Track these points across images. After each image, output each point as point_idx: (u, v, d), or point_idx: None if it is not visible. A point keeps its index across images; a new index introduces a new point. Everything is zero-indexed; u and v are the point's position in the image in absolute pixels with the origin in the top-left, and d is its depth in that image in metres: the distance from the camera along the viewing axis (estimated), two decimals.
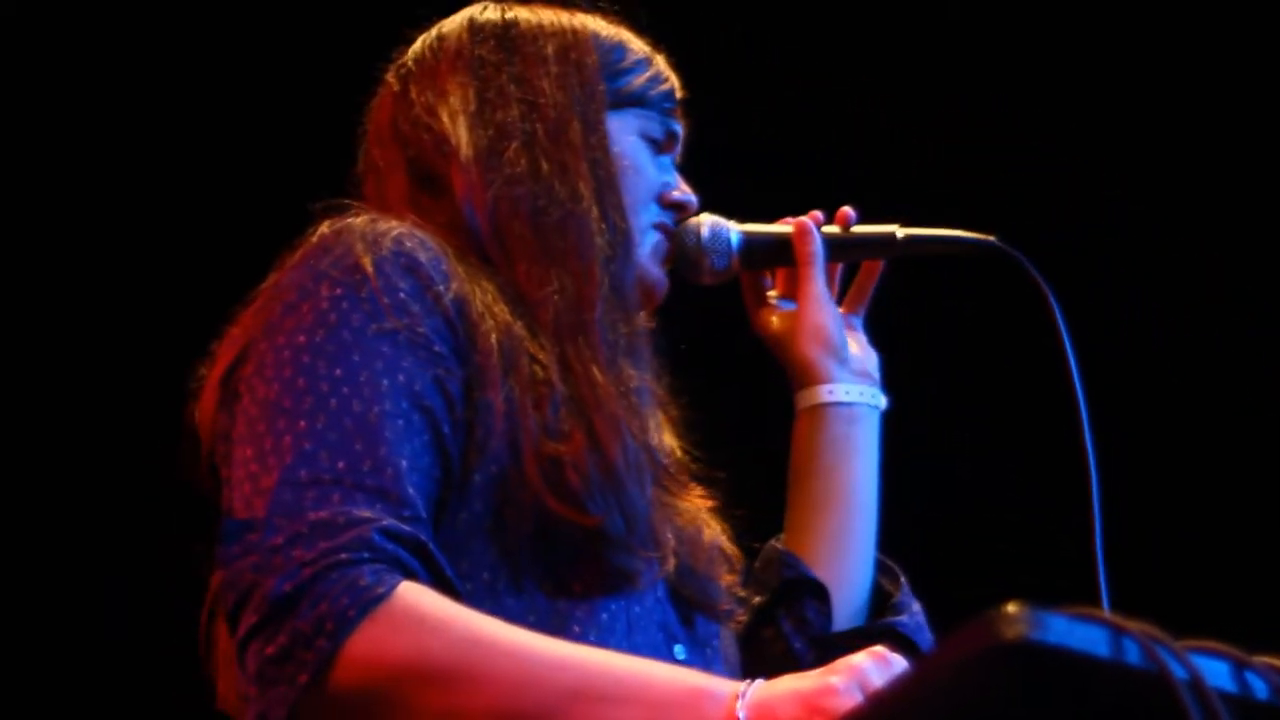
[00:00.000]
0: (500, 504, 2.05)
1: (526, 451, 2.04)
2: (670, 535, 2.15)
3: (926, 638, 2.38)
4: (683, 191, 2.38)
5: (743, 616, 2.29)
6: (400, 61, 2.37)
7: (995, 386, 4.07)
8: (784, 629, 2.37)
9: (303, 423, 1.97)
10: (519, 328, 2.12)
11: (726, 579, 2.25)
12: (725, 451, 2.36)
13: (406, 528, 1.93)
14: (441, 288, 2.09)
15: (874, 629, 2.37)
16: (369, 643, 1.86)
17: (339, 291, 2.05)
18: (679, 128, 2.39)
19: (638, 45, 2.38)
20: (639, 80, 2.35)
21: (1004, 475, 4.11)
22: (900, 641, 2.35)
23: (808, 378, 2.43)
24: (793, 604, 2.37)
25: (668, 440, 2.27)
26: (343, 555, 1.88)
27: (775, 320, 2.47)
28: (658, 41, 2.42)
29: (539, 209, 2.20)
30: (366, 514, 1.92)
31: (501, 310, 2.12)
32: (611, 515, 2.04)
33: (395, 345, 2.03)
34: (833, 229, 2.44)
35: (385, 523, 1.92)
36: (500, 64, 2.29)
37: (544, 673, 1.86)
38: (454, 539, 2.03)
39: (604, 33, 2.36)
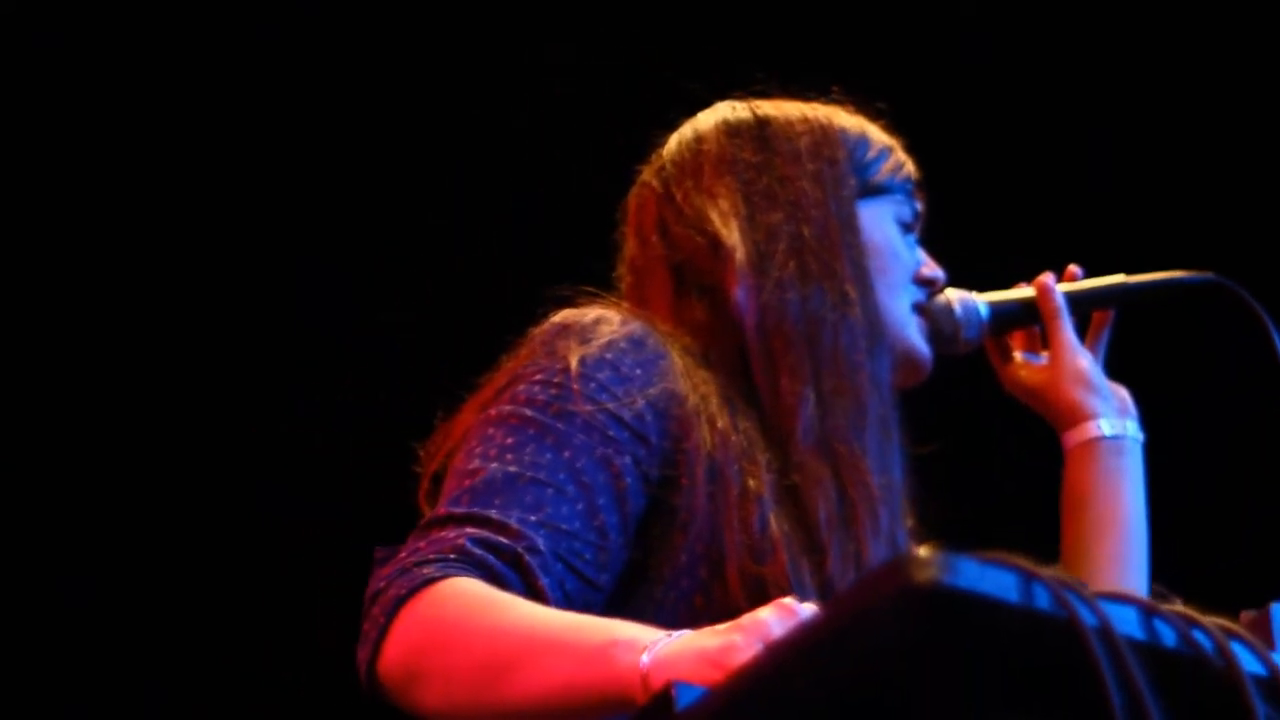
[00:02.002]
0: (703, 600, 2.15)
1: (730, 568, 2.13)
2: None
3: None
4: (932, 269, 2.49)
5: None
6: (658, 163, 2.44)
7: (1218, 422, 4.13)
8: None
9: (466, 480, 2.12)
10: (737, 440, 2.20)
11: None
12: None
13: (506, 542, 2.06)
14: (639, 385, 2.19)
15: None
16: (403, 620, 2.00)
17: (538, 378, 2.19)
18: (921, 207, 2.49)
19: (878, 133, 2.47)
20: (885, 168, 2.44)
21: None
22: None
23: (1076, 416, 2.56)
24: None
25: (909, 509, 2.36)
26: (430, 555, 2.04)
27: (1029, 374, 2.61)
28: (893, 126, 2.51)
29: (810, 315, 2.29)
30: (475, 532, 2.06)
31: (723, 421, 2.21)
32: None
33: (570, 425, 2.15)
34: (1065, 286, 2.60)
35: (483, 535, 2.06)
36: (761, 165, 2.37)
37: (501, 638, 1.97)
38: (665, 612, 2.15)
39: (848, 124, 2.45)
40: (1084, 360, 2.58)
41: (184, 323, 4.35)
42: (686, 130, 2.45)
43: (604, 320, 2.24)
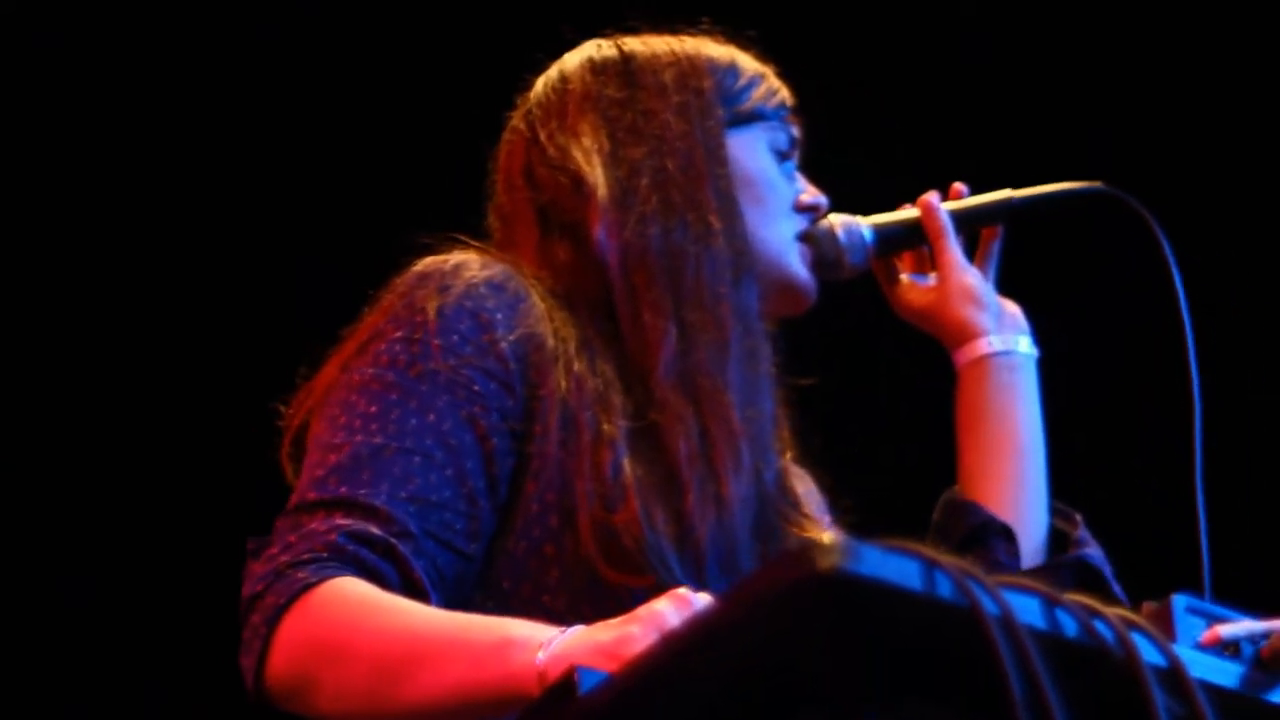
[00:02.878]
0: (554, 549, 2.13)
1: (581, 517, 2.11)
2: (764, 558, 2.21)
3: (1110, 570, 2.43)
4: (813, 195, 2.46)
5: None
6: (524, 106, 2.42)
7: (1113, 333, 4.11)
8: None
9: (330, 455, 2.10)
10: (593, 384, 2.18)
11: None
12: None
13: (378, 532, 2.04)
14: (503, 330, 2.16)
15: (1064, 562, 2.42)
16: (287, 629, 1.99)
17: (398, 334, 2.16)
18: (798, 133, 2.46)
19: (748, 61, 2.44)
20: (756, 95, 2.41)
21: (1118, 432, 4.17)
22: (1089, 573, 2.40)
23: (966, 334, 2.52)
24: (980, 548, 2.42)
25: (784, 442, 2.35)
26: (304, 556, 2.02)
27: (917, 295, 2.56)
28: (766, 54, 2.47)
29: (672, 247, 2.27)
30: (345, 523, 2.04)
31: (580, 364, 2.19)
32: (667, 576, 2.08)
33: (434, 385, 2.13)
34: (950, 204, 2.56)
35: (356, 528, 2.04)
36: (626, 101, 2.35)
37: (391, 642, 1.96)
38: (515, 564, 2.13)
39: (716, 54, 2.41)
40: (971, 277, 2.54)
41: (185, 322, 4.36)
42: (552, 71, 2.42)
43: (464, 266, 2.21)
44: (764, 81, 2.43)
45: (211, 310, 4.37)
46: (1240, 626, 1.83)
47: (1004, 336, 2.52)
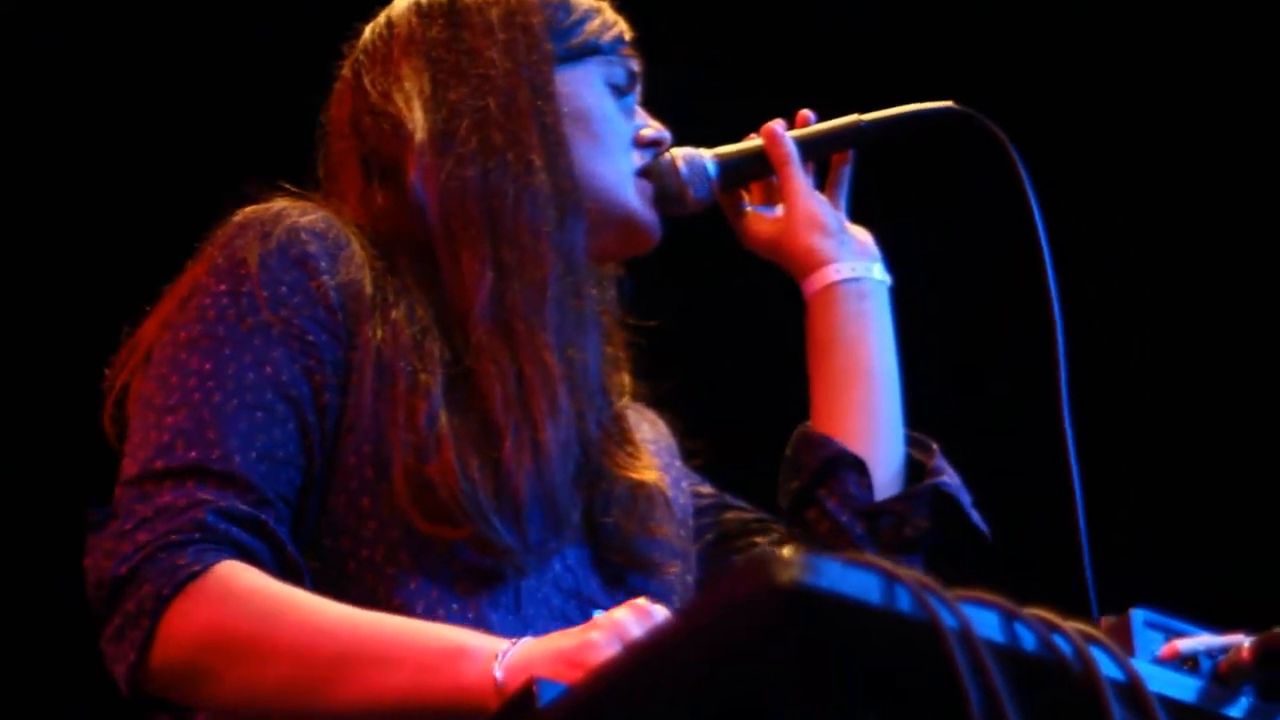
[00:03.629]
0: (370, 501, 2.10)
1: (395, 469, 2.08)
2: (594, 503, 2.19)
3: (968, 498, 2.43)
4: (655, 130, 2.42)
5: (675, 568, 2.28)
6: (353, 55, 2.38)
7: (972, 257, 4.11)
8: (828, 507, 2.40)
9: (168, 418, 2.06)
10: (409, 333, 2.15)
11: (663, 531, 2.27)
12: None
13: (245, 508, 2.01)
14: (327, 277, 2.13)
15: (919, 490, 2.41)
16: (179, 619, 1.96)
17: (222, 287, 2.12)
18: (637, 67, 2.42)
19: None
20: (589, 30, 2.36)
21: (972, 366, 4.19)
22: (945, 501, 2.40)
23: (813, 262, 2.48)
24: (832, 481, 2.40)
25: (621, 385, 2.33)
26: (173, 537, 1.98)
27: (764, 226, 2.52)
28: None
29: (491, 187, 2.22)
30: (206, 496, 2.00)
31: (397, 312, 2.16)
32: (485, 526, 2.07)
33: (267, 338, 2.09)
34: (797, 132, 2.51)
35: (222, 504, 2.00)
36: (449, 41, 2.30)
37: (321, 640, 1.94)
38: (334, 519, 2.10)
39: None
40: (818, 205, 2.49)
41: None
42: (380, 17, 2.38)
43: (284, 213, 2.18)
44: (598, 16, 2.39)
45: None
46: (1199, 641, 1.84)
47: (853, 264, 2.48)
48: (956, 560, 2.39)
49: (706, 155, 2.47)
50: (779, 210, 2.51)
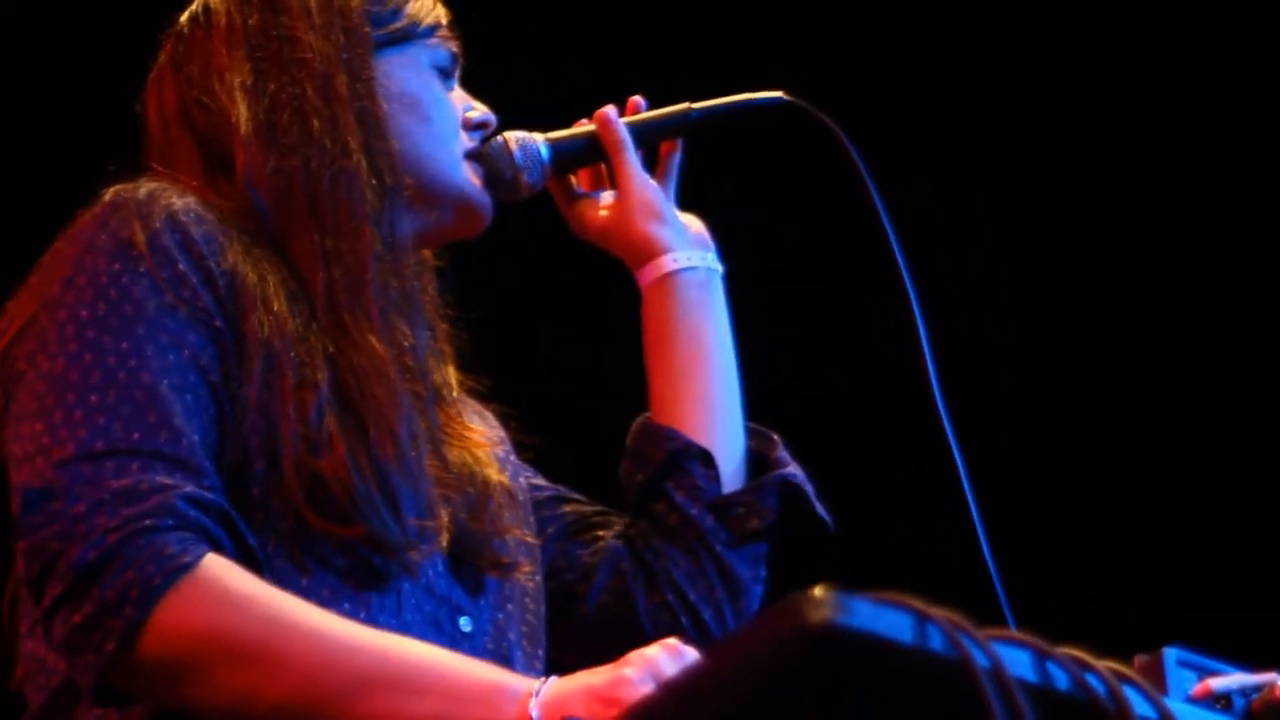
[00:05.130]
0: (259, 492, 2.04)
1: (286, 462, 2.03)
2: (446, 505, 2.15)
3: (812, 489, 2.43)
4: (482, 113, 2.38)
5: (527, 568, 2.26)
6: (172, 44, 2.31)
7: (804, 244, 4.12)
8: (676, 500, 2.40)
9: (94, 396, 1.99)
10: (293, 325, 2.10)
11: (512, 530, 2.24)
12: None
13: (210, 495, 1.96)
14: (212, 263, 2.08)
15: (766, 482, 2.41)
16: (175, 613, 1.89)
17: (116, 266, 2.05)
18: (458, 49, 2.38)
19: None
20: (409, 13, 2.33)
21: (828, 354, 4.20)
22: (792, 493, 2.41)
23: (648, 251, 2.46)
24: (679, 474, 2.40)
25: (449, 379, 2.29)
26: (147, 522, 1.91)
27: (595, 212, 2.50)
28: None
29: (312, 175, 2.17)
30: (167, 481, 1.94)
31: (280, 304, 2.10)
32: (378, 523, 2.04)
33: (178, 320, 2.04)
34: (628, 119, 2.50)
35: (189, 490, 1.94)
36: (268, 28, 2.25)
37: (341, 658, 1.90)
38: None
39: None
40: (651, 192, 2.47)
41: None
42: (196, 5, 2.31)
43: (158, 194, 2.11)
44: (416, 0, 2.34)
45: None
46: (1232, 680, 1.84)
47: (688, 253, 2.47)
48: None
49: (539, 139, 2.45)
50: (609, 196, 2.49)
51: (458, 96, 2.37)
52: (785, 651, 1.44)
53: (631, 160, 2.46)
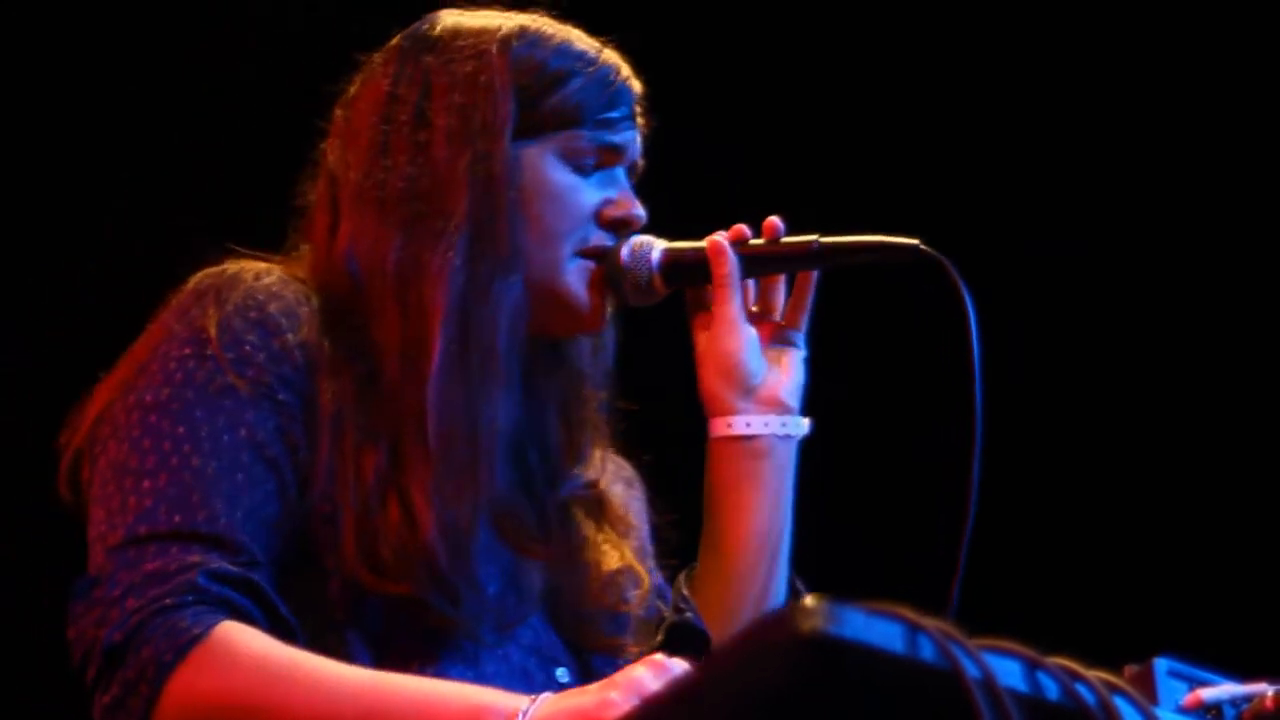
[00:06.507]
0: (317, 559, 2.09)
1: (345, 523, 2.07)
2: (540, 582, 2.18)
3: None
4: (622, 209, 2.28)
5: (637, 647, 2.25)
6: (344, 95, 2.32)
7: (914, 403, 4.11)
8: None
9: (146, 481, 2.04)
10: (357, 394, 2.13)
11: (625, 607, 2.25)
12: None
13: (235, 569, 2.00)
14: (290, 335, 2.12)
15: None
16: (184, 685, 1.95)
17: (186, 351, 2.10)
18: (621, 139, 2.29)
19: (579, 50, 2.28)
20: (568, 94, 2.25)
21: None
22: None
23: (714, 408, 2.34)
24: (674, 650, 2.28)
25: (579, 457, 2.29)
26: (167, 601, 1.96)
27: (697, 337, 2.37)
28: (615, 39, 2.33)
29: (406, 258, 2.18)
30: (196, 559, 1.99)
31: (352, 373, 2.14)
32: (428, 585, 2.07)
33: (238, 400, 2.08)
34: (757, 242, 2.33)
35: (213, 566, 1.99)
36: (404, 99, 2.24)
37: (337, 703, 1.93)
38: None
39: (537, 46, 2.26)
40: (734, 342, 2.31)
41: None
42: (377, 55, 2.31)
43: (239, 277, 2.16)
44: (585, 78, 2.27)
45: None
46: (1222, 690, 1.84)
47: (749, 418, 2.33)
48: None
49: (658, 245, 2.30)
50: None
51: (611, 184, 2.29)
52: (775, 660, 1.43)
53: (729, 300, 2.30)
